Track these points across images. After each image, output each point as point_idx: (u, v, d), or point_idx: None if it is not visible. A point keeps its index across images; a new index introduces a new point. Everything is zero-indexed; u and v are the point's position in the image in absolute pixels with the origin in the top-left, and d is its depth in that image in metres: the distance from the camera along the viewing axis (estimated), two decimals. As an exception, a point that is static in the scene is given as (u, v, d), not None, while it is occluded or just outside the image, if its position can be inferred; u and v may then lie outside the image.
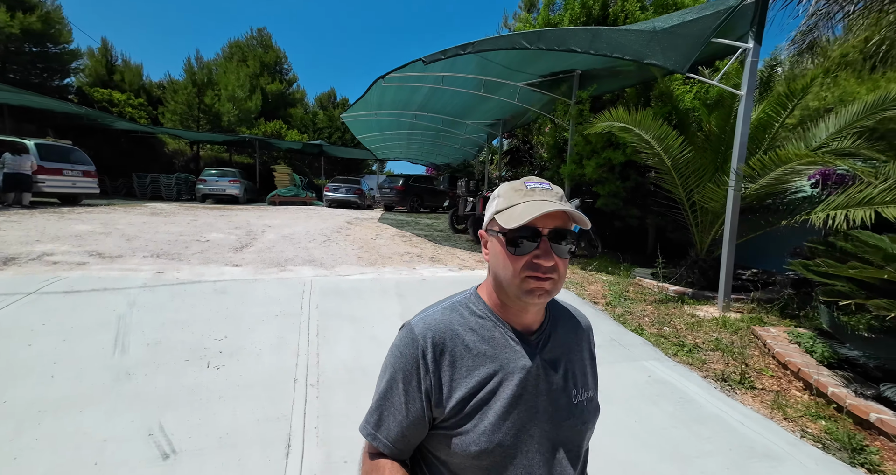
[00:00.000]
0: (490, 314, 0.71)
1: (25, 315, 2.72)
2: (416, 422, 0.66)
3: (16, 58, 12.56)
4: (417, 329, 0.68)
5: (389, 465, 0.67)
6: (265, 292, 3.55)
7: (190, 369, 2.31)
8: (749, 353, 2.98)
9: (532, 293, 0.64)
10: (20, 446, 1.67)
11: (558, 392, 0.68)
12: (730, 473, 1.84)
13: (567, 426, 0.68)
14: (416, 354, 0.67)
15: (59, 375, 2.13)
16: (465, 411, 0.64)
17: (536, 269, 0.63)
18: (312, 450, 1.81)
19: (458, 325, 0.69)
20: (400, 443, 0.67)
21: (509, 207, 0.66)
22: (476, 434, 0.63)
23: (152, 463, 1.65)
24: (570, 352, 0.74)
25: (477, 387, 0.65)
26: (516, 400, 0.65)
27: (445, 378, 0.66)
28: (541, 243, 0.63)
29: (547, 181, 0.69)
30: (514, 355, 0.68)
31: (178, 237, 5.87)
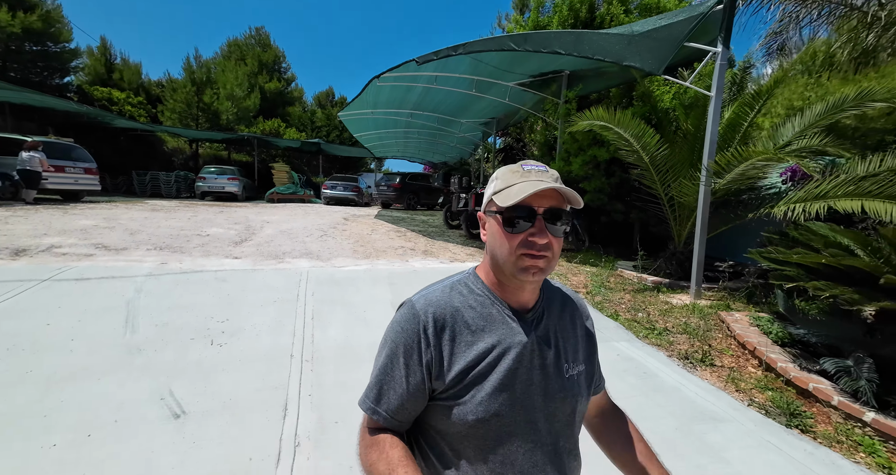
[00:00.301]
0: (488, 292, 0.74)
1: (42, 298, 2.94)
2: (417, 394, 0.69)
3: (16, 56, 12.71)
4: (419, 305, 0.71)
5: (389, 439, 0.68)
6: (263, 281, 3.76)
7: (195, 346, 2.53)
8: (713, 336, 3.22)
9: (527, 271, 0.67)
10: (48, 406, 1.88)
11: (551, 366, 0.72)
12: (678, 432, 2.08)
13: (559, 398, 0.71)
14: (417, 329, 0.69)
15: (76, 349, 2.35)
16: (465, 382, 0.67)
17: (531, 247, 0.66)
18: (307, 413, 2.03)
19: (457, 302, 0.72)
20: (400, 415, 0.70)
21: (506, 188, 0.68)
22: (474, 404, 0.66)
23: (165, 421, 1.87)
24: (563, 329, 0.77)
25: (476, 361, 0.68)
26: (513, 373, 0.68)
27: (446, 352, 0.68)
28: (536, 222, 0.66)
29: (543, 164, 0.72)
30: (510, 331, 0.71)
31: (179, 232, 6.07)
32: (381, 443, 0.68)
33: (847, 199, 3.01)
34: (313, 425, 1.95)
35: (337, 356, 2.57)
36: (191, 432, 1.83)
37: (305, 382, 2.28)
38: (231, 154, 20.19)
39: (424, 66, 6.19)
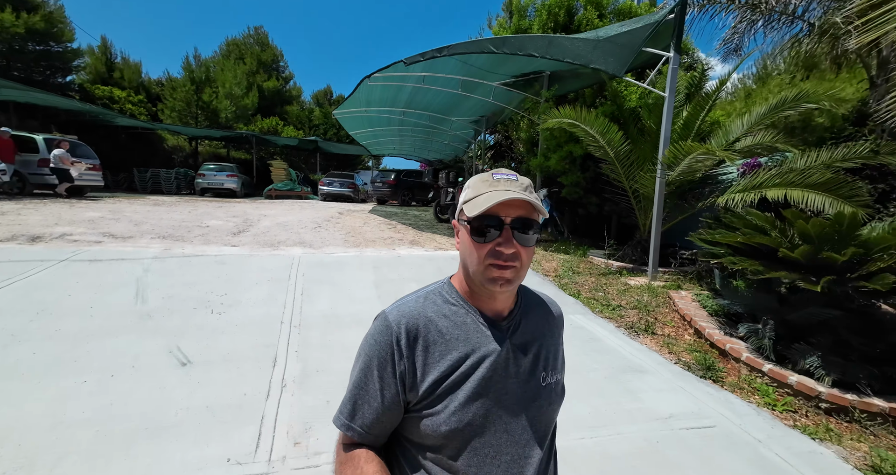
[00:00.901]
0: (462, 301, 0.73)
1: (62, 275, 3.31)
2: (391, 407, 0.68)
3: (20, 56, 13.05)
4: (391, 317, 0.70)
5: (364, 455, 0.67)
6: (259, 264, 4.14)
7: (197, 314, 2.91)
8: (660, 310, 3.60)
9: (494, 281, 0.66)
10: (77, 355, 2.27)
11: (527, 375, 0.71)
12: (607, 380, 2.46)
13: (535, 407, 0.70)
14: (390, 341, 0.68)
15: (95, 315, 2.73)
16: (437, 393, 0.66)
17: (498, 257, 0.65)
18: (293, 364, 2.41)
19: (431, 312, 0.71)
20: (375, 430, 0.69)
21: (475, 197, 0.68)
22: (447, 414, 0.65)
23: (175, 368, 2.26)
24: (541, 337, 0.76)
25: (449, 371, 0.67)
26: (486, 382, 0.67)
27: (419, 362, 0.68)
28: (503, 231, 0.65)
29: (514, 173, 0.71)
30: (485, 340, 0.70)
31: (181, 223, 6.44)
32: (355, 458, 0.67)
33: (775, 189, 3.40)
34: (298, 372, 2.33)
35: (322, 323, 2.95)
36: (196, 376, 2.21)
37: (293, 342, 2.66)
38: (230, 151, 20.53)
39: (413, 67, 6.55)
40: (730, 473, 1.78)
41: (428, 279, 4.27)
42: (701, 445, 1.95)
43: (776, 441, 2.02)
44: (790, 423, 2.20)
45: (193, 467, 1.61)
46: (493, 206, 0.64)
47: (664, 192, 4.20)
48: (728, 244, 2.97)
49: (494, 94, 7.49)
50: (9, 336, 2.38)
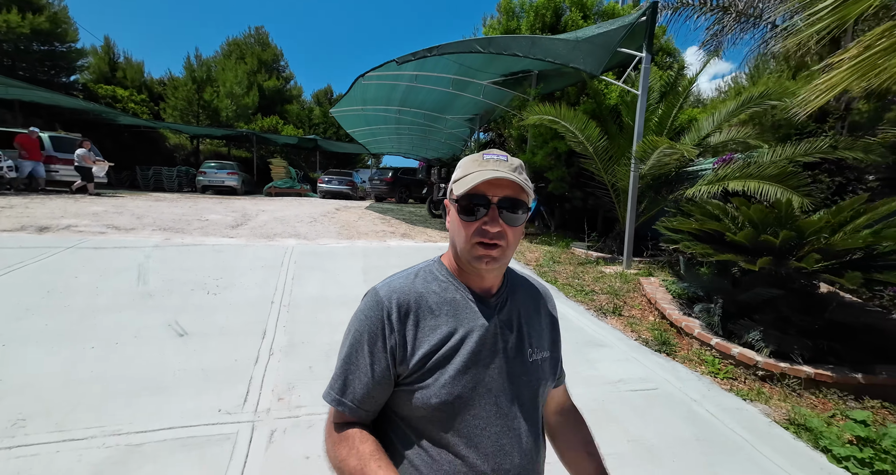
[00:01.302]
0: (451, 278, 0.75)
1: (69, 260, 3.56)
2: (382, 381, 0.68)
3: (25, 56, 13.34)
4: (382, 292, 0.72)
5: (359, 434, 0.67)
6: (254, 253, 4.38)
7: (195, 294, 3.15)
8: (630, 295, 3.83)
9: (480, 259, 0.68)
10: (85, 327, 2.51)
11: (514, 350, 0.72)
12: (569, 353, 2.67)
13: (522, 382, 0.72)
14: (381, 316, 0.69)
15: (101, 294, 2.98)
16: (427, 366, 0.67)
17: (484, 235, 0.66)
18: (281, 336, 2.66)
19: (421, 288, 0.73)
20: (366, 405, 0.69)
21: (464, 176, 0.69)
22: (437, 387, 0.66)
23: (173, 338, 2.50)
24: (528, 315, 0.78)
25: (439, 345, 0.68)
26: (475, 356, 0.68)
27: (409, 336, 0.69)
28: (490, 210, 0.67)
29: (505, 153, 0.71)
30: (473, 315, 0.71)
31: (181, 217, 6.69)
32: (350, 438, 0.67)
33: (736, 181, 3.62)
34: (285, 343, 2.57)
35: (309, 303, 3.19)
36: (192, 345, 2.45)
37: (282, 319, 2.90)
38: (231, 150, 20.80)
39: (405, 66, 6.78)
40: (661, 424, 2.02)
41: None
42: (642, 404, 2.19)
43: (709, 400, 2.25)
44: (727, 388, 2.43)
45: (190, 416, 1.85)
46: (479, 184, 0.66)
47: (638, 185, 4.43)
48: (687, 231, 3.20)
49: (485, 93, 7.72)
50: (23, 310, 2.62)
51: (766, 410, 2.22)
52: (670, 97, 4.67)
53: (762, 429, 2.05)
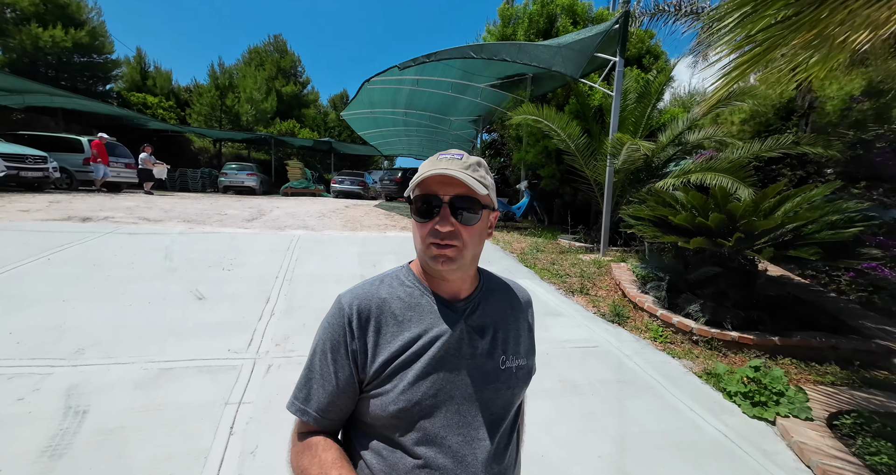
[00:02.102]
0: (417, 283, 0.73)
1: (108, 242, 4.17)
2: (346, 389, 0.67)
3: (67, 67, 14.52)
4: (345, 300, 0.71)
5: (322, 442, 0.66)
6: (265, 240, 4.93)
7: (211, 270, 3.68)
8: (600, 278, 4.18)
9: (436, 260, 0.66)
10: (123, 292, 3.06)
11: (483, 356, 0.70)
12: (525, 321, 3.09)
13: (490, 389, 0.69)
14: (342, 323, 0.68)
15: (135, 268, 3.54)
16: (387, 372, 0.66)
17: (436, 236, 0.65)
18: (282, 302, 3.14)
19: (385, 294, 0.71)
20: (331, 414, 0.68)
21: (418, 176, 0.68)
22: (395, 394, 0.64)
23: (194, 301, 3.02)
24: (504, 321, 0.75)
25: (400, 351, 0.67)
26: (437, 362, 0.66)
27: (370, 343, 0.67)
28: (441, 210, 0.66)
29: (463, 152, 0.70)
30: (437, 321, 0.69)
31: (203, 211, 7.36)
32: (313, 446, 0.66)
33: (697, 174, 3.93)
34: (284, 307, 3.06)
35: (308, 279, 3.69)
36: (208, 306, 2.96)
37: (284, 290, 3.39)
38: (250, 152, 21.83)
39: (407, 71, 7.28)
40: (591, 370, 2.40)
41: (406, 253, 4.98)
42: (579, 356, 2.57)
43: (640, 355, 2.62)
44: (661, 349, 2.78)
45: (206, 352, 2.34)
46: (426, 183, 0.65)
47: (614, 179, 4.77)
48: (645, 217, 3.54)
49: (484, 96, 8.14)
50: (76, 278, 3.20)
51: (689, 365, 2.57)
52: (645, 98, 5.00)
53: (677, 376, 2.41)
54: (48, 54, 13.88)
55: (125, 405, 1.85)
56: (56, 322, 2.50)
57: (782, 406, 2.07)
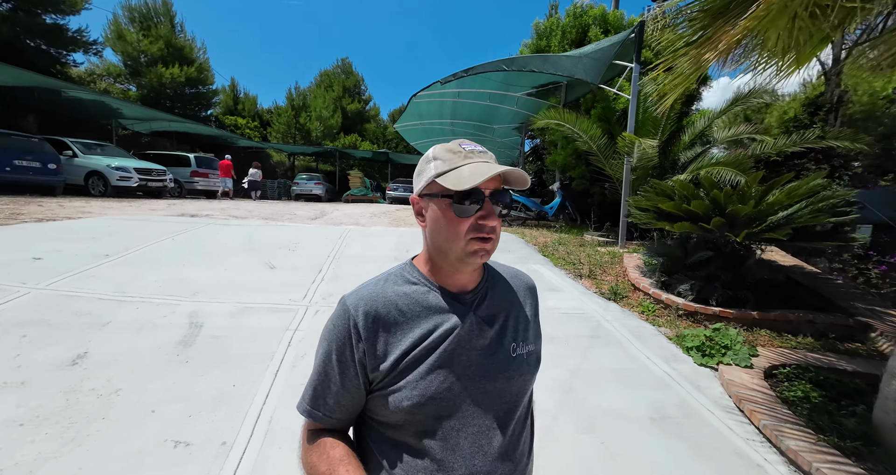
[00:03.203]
0: (424, 279, 0.73)
1: (208, 231, 5.42)
2: (352, 391, 0.68)
3: (180, 98, 17.79)
4: (349, 301, 0.70)
5: (330, 440, 0.67)
6: (322, 232, 5.94)
7: (280, 250, 4.68)
8: (611, 266, 4.49)
9: (476, 254, 0.66)
10: (219, 262, 4.12)
11: (494, 346, 0.70)
12: (526, 294, 3.58)
13: (503, 378, 0.69)
14: (347, 325, 0.68)
15: (226, 247, 4.65)
16: (399, 369, 0.66)
17: (481, 230, 0.65)
18: (330, 272, 3.99)
19: (391, 292, 0.71)
20: (338, 413, 0.69)
21: (453, 169, 0.66)
22: (409, 389, 0.64)
23: (267, 269, 3.98)
24: (511, 308, 0.76)
25: (411, 347, 0.66)
26: (449, 355, 0.66)
27: (380, 343, 0.67)
28: (484, 204, 0.65)
29: (477, 143, 0.71)
30: (447, 315, 0.69)
31: (276, 212, 8.76)
32: (321, 444, 0.67)
33: (706, 168, 4.12)
34: (331, 275, 3.89)
35: (351, 258, 4.52)
36: (277, 273, 3.89)
37: (332, 265, 4.25)
38: (318, 164, 24.32)
39: (448, 85, 8.11)
40: (570, 328, 2.86)
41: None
42: (563, 318, 3.03)
43: (619, 321, 3.00)
44: (644, 319, 3.12)
45: (273, 301, 3.21)
46: (486, 181, 0.63)
47: (631, 176, 5.04)
48: (647, 208, 3.86)
49: (521, 104, 8.67)
50: (188, 253, 4.34)
51: (665, 331, 2.89)
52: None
53: (646, 336, 2.77)
54: (167, 88, 17.11)
55: (223, 324, 2.73)
56: (179, 276, 3.56)
57: (727, 357, 2.37)
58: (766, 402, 1.98)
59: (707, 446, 1.80)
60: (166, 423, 1.77)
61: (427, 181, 0.68)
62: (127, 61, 16.72)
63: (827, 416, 1.85)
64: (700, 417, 2.00)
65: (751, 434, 1.88)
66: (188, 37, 18.26)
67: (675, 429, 1.91)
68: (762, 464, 1.71)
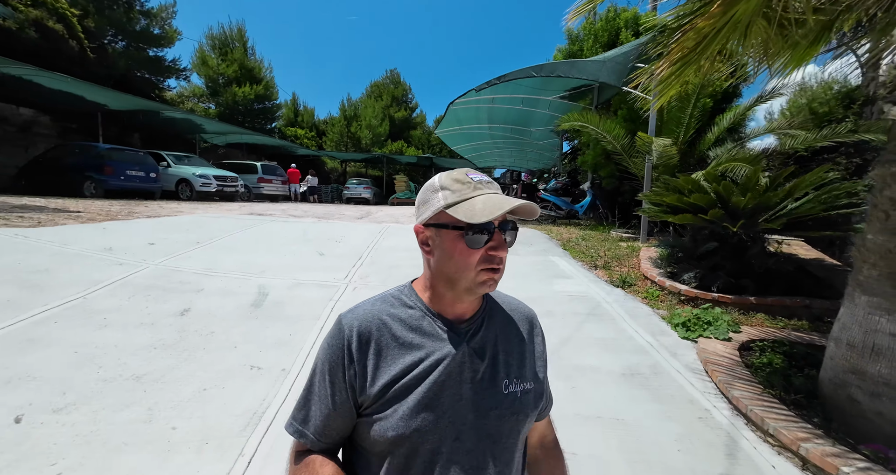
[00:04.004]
0: (421, 305, 0.72)
1: (271, 226, 6.38)
2: (343, 412, 0.67)
3: (250, 113, 20.05)
4: (345, 320, 0.70)
5: (319, 459, 0.67)
6: (364, 227, 6.70)
7: (329, 241, 5.45)
8: (628, 260, 4.70)
9: (484, 284, 0.66)
10: (279, 249, 4.95)
11: (485, 380, 0.68)
12: (541, 281, 3.96)
13: (494, 415, 0.66)
14: (341, 345, 0.68)
15: (285, 239, 5.51)
16: (387, 397, 0.65)
17: (492, 261, 0.65)
18: (367, 259, 4.65)
19: (386, 315, 0.70)
20: (327, 438, 0.68)
21: (465, 200, 0.65)
22: (395, 419, 0.63)
23: (317, 256, 4.73)
24: (506, 341, 0.74)
25: (400, 375, 0.66)
26: (439, 386, 0.65)
27: (370, 366, 0.67)
28: (494, 235, 0.65)
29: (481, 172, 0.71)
30: (440, 343, 0.68)
31: (328, 212, 9.78)
32: (310, 463, 0.66)
33: (725, 164, 4.21)
34: (368, 261, 4.55)
35: (386, 249, 5.17)
36: (325, 259, 4.62)
37: (370, 253, 4.92)
38: (368, 170, 25.88)
39: (483, 92, 8.61)
40: (569, 307, 3.22)
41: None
42: (566, 299, 3.39)
43: (619, 303, 3.30)
44: (645, 303, 3.38)
45: (321, 279, 3.90)
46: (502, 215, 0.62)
47: (653, 174, 5.18)
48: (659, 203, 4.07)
49: (553, 107, 8.92)
50: (254, 242, 5.24)
51: (661, 313, 3.15)
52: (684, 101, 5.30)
53: (640, 316, 3.05)
54: (240, 105, 19.36)
55: (283, 293, 3.45)
56: (250, 259, 4.40)
57: (707, 331, 2.60)
58: (730, 366, 2.24)
59: (665, 395, 2.13)
60: (245, 355, 2.45)
61: (435, 211, 0.67)
62: (208, 83, 19.22)
63: (781, 377, 2.09)
64: (667, 375, 2.31)
65: (708, 389, 2.17)
66: (258, 58, 20.56)
67: (641, 382, 2.24)
68: (710, 408, 2.01)
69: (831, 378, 1.90)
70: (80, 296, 2.90)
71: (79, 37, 11.62)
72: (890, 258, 1.73)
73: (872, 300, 1.78)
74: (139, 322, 2.69)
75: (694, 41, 2.25)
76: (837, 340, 1.91)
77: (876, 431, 1.72)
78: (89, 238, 4.31)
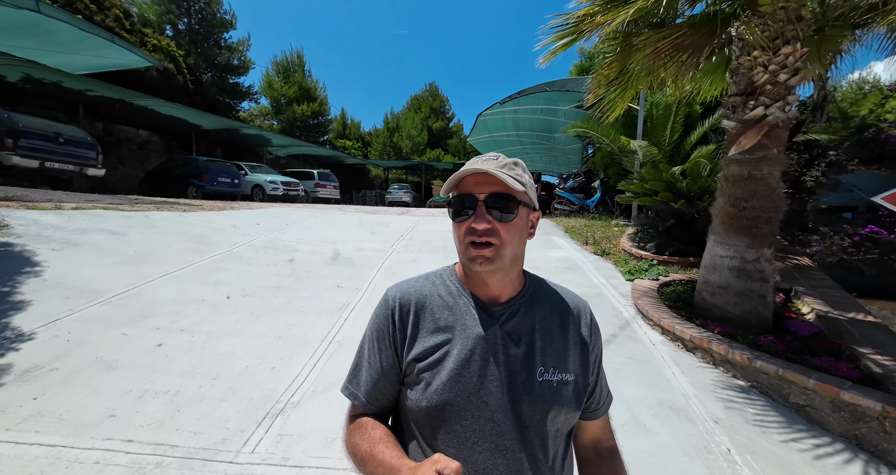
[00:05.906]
0: (458, 285, 0.76)
1: (335, 215, 8.05)
2: (389, 374, 0.72)
3: (306, 127, 22.73)
4: (391, 293, 0.77)
5: (370, 422, 0.71)
6: (404, 218, 8.19)
7: (378, 226, 6.97)
8: (616, 239, 5.75)
9: (474, 260, 0.67)
10: (343, 230, 6.53)
11: (518, 366, 0.69)
12: (537, 251, 5.16)
13: (526, 401, 0.67)
14: (387, 314, 0.74)
15: (347, 225, 7.10)
16: (420, 367, 0.69)
17: (473, 234, 0.66)
18: (406, 237, 6.08)
19: (427, 291, 0.75)
20: (377, 400, 0.73)
21: (453, 177, 0.68)
22: (426, 391, 0.67)
23: (370, 235, 6.24)
24: (547, 330, 0.73)
25: (432, 349, 0.69)
26: (467, 363, 0.67)
27: (409, 334, 0.72)
28: (477, 208, 0.66)
29: (499, 154, 0.71)
30: (472, 322, 0.70)
31: (375, 210, 11.46)
32: (363, 425, 0.71)
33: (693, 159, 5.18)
34: (407, 241, 5.98)
35: (422, 231, 6.58)
36: (377, 236, 6.11)
37: (407, 236, 6.35)
38: (408, 176, 27.85)
39: (507, 104, 9.91)
40: (551, 264, 4.41)
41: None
42: (553, 261, 4.58)
43: (591, 263, 4.44)
44: (612, 263, 4.49)
45: (375, 247, 5.37)
46: (462, 182, 0.66)
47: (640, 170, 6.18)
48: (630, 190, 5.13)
49: (571, 116, 9.99)
50: (325, 225, 6.86)
51: (621, 269, 4.26)
52: (668, 109, 6.26)
53: (604, 268, 4.19)
54: (298, 121, 22.05)
55: (351, 253, 4.92)
56: (324, 235, 5.97)
57: (644, 275, 3.71)
58: (646, 291, 3.36)
59: (597, 306, 3.30)
60: (332, 282, 3.92)
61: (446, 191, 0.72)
62: (273, 103, 22.11)
63: (674, 296, 3.19)
64: (604, 297, 3.47)
65: (628, 303, 3.32)
66: (314, 79, 23.28)
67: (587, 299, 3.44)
68: (622, 311, 3.18)
69: (697, 290, 3.00)
70: (230, 250, 4.55)
71: (184, 72, 14.43)
72: (722, 213, 2.83)
73: (715, 237, 2.88)
74: (266, 263, 4.27)
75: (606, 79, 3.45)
76: (702, 266, 3.00)
77: (714, 317, 2.81)
78: (220, 220, 6.10)
